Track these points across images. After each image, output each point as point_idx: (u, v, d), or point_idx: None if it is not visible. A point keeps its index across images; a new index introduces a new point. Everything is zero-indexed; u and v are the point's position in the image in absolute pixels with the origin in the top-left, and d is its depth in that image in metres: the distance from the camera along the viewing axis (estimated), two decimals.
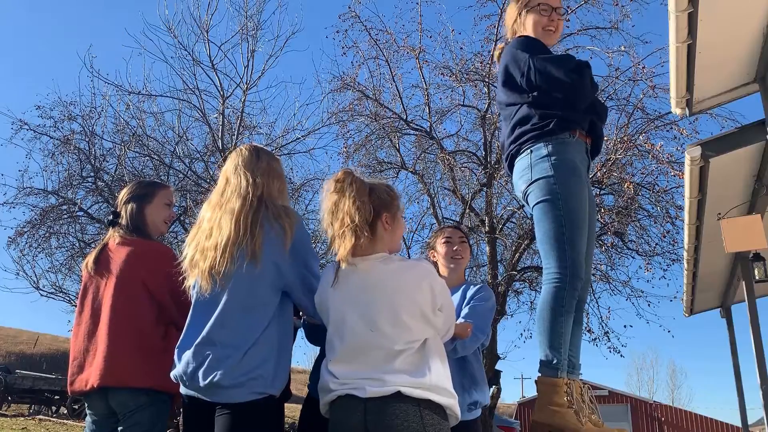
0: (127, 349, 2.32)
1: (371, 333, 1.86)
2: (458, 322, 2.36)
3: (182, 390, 2.09)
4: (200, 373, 1.96)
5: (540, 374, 2.28)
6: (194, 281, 2.10)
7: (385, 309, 1.87)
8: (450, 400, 1.86)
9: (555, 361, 2.23)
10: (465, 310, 2.63)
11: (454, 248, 2.79)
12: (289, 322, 2.15)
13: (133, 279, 2.41)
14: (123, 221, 2.61)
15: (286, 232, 2.05)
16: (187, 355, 2.03)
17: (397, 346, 1.83)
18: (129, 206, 2.63)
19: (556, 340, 2.24)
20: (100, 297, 2.45)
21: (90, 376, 2.35)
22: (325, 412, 1.96)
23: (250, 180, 2.12)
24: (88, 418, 2.45)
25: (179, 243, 10.39)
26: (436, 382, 1.83)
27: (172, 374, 2.09)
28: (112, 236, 2.58)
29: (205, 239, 2.08)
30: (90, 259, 2.56)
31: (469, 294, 2.71)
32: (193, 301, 2.12)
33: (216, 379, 1.93)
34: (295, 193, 11.43)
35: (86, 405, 2.46)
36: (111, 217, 2.65)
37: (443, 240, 2.82)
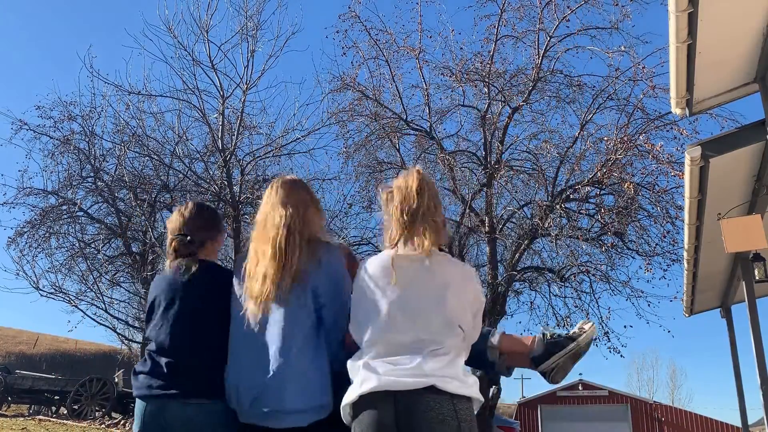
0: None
1: (417, 323, 1.91)
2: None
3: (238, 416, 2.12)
4: (262, 401, 2.01)
5: None
6: (245, 309, 2.14)
7: (434, 300, 1.94)
8: (475, 389, 1.92)
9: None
10: None
11: None
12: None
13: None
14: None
15: (321, 265, 2.12)
16: (243, 385, 2.08)
17: (439, 338, 1.90)
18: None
19: None
20: None
21: None
22: (347, 414, 1.91)
23: (284, 212, 2.18)
24: None
25: None
26: (466, 377, 1.91)
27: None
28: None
29: (255, 267, 2.16)
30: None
31: None
32: (239, 330, 2.15)
33: (279, 406, 1.99)
34: None
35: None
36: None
37: None
